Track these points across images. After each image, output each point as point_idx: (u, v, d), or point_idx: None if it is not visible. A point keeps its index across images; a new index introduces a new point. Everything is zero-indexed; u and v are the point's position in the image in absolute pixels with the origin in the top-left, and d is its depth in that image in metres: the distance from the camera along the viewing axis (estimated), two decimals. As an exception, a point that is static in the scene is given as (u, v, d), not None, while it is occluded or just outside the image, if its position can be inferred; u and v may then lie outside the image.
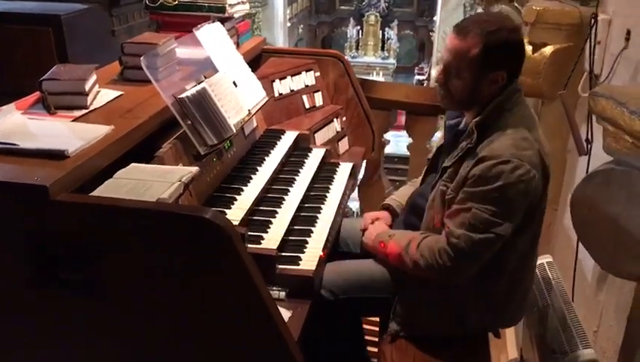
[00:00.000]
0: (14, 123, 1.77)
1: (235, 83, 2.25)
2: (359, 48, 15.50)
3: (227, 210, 1.97)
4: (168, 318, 1.51)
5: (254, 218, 2.02)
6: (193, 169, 1.71)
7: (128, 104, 1.98)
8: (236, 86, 2.26)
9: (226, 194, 2.06)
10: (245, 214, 1.98)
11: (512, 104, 1.85)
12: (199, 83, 2.07)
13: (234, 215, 1.94)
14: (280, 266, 1.83)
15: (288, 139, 2.58)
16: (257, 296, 1.43)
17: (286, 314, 1.67)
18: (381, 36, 15.44)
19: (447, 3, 10.83)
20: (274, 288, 1.75)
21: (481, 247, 1.78)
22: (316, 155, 2.57)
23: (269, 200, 2.16)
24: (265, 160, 2.36)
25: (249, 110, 2.28)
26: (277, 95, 2.79)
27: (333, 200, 2.30)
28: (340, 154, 2.90)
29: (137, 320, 1.53)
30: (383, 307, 2.04)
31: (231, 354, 1.54)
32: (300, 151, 2.60)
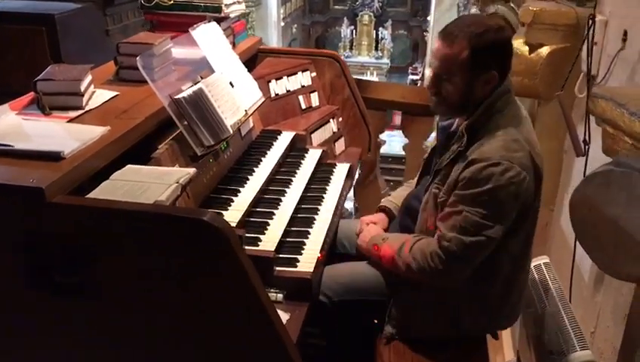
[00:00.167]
0: (9, 124, 1.75)
1: (231, 83, 2.24)
2: (353, 48, 15.47)
3: (224, 211, 1.96)
4: (168, 319, 1.50)
5: (251, 219, 2.01)
6: (190, 170, 1.69)
7: (124, 105, 1.96)
8: (233, 86, 2.24)
9: (223, 196, 2.05)
10: (243, 216, 1.97)
11: (502, 105, 1.84)
12: (196, 83, 2.05)
13: (231, 216, 1.93)
14: (278, 268, 1.81)
15: (285, 139, 2.58)
16: (256, 299, 1.42)
17: (284, 316, 1.66)
18: (375, 36, 15.42)
19: (440, 3, 10.82)
20: (272, 290, 1.74)
21: (472, 250, 1.78)
22: (313, 156, 2.56)
23: (266, 201, 2.15)
24: (261, 161, 2.35)
25: (246, 111, 2.26)
26: (273, 95, 2.78)
27: (331, 202, 2.29)
28: (337, 155, 2.90)
29: (137, 321, 1.52)
30: (379, 310, 2.03)
31: (231, 354, 1.54)
32: (297, 151, 2.59)
